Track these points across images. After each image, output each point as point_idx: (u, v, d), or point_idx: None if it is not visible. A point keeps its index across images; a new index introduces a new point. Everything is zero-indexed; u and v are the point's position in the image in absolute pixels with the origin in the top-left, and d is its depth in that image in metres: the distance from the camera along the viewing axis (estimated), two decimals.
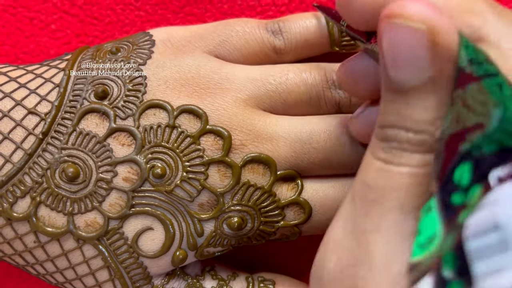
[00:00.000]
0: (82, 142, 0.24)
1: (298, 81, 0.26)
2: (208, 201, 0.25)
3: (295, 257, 0.31)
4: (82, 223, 0.24)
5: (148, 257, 0.25)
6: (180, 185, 0.24)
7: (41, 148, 0.24)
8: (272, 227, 0.26)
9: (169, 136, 0.25)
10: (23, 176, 0.24)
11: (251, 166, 0.25)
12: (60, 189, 0.24)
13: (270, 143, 0.25)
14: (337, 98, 0.27)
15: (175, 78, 0.25)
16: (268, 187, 0.25)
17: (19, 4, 0.32)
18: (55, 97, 0.25)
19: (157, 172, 0.24)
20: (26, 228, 0.24)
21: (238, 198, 0.25)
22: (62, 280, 0.26)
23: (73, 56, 0.26)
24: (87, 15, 0.31)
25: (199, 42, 0.27)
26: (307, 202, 0.26)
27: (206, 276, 0.27)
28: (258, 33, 0.27)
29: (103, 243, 0.25)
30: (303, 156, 0.26)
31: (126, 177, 0.24)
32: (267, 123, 0.26)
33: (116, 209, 0.24)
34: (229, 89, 0.26)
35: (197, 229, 0.25)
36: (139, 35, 0.28)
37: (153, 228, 0.25)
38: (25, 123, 0.24)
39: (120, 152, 0.24)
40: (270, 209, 0.25)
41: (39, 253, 0.25)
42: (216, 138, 0.25)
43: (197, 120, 0.25)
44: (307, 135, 0.26)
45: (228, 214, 0.25)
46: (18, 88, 0.25)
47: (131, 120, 0.25)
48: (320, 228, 0.26)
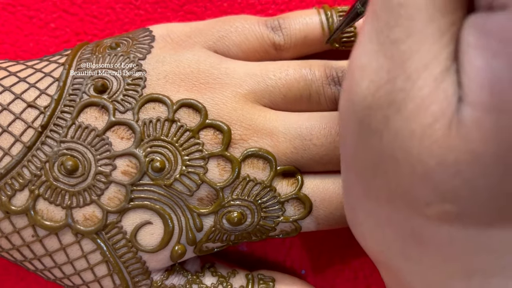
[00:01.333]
0: (81, 135, 0.24)
1: (298, 76, 0.26)
2: (207, 195, 0.25)
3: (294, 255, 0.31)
4: (81, 217, 0.24)
5: (147, 251, 0.25)
6: (179, 179, 0.24)
7: (40, 141, 0.24)
8: (272, 222, 0.26)
9: (169, 130, 0.24)
10: (22, 169, 0.24)
11: (251, 160, 0.25)
12: (59, 182, 0.24)
13: (270, 138, 0.25)
14: (337, 94, 0.27)
15: (174, 72, 0.25)
16: (268, 182, 0.25)
17: (18, 3, 0.32)
18: (55, 90, 0.25)
19: (156, 166, 0.24)
20: (24, 221, 0.24)
21: (238, 193, 0.25)
22: (61, 276, 0.26)
23: (73, 52, 0.27)
24: (87, 14, 0.32)
25: (198, 37, 0.27)
26: (307, 197, 0.25)
27: (206, 273, 0.27)
28: (258, 29, 0.27)
29: (102, 237, 0.24)
30: (303, 152, 0.25)
31: (125, 171, 0.24)
32: (267, 118, 0.26)
33: (114, 203, 0.24)
34: (228, 84, 0.26)
35: (196, 223, 0.25)
36: (139, 31, 0.28)
37: (152, 223, 0.25)
38: (24, 116, 0.24)
39: (119, 146, 0.24)
40: (270, 204, 0.25)
41: (37, 248, 0.25)
42: (215, 133, 0.25)
43: (197, 114, 0.25)
44: (307, 131, 0.25)
45: (227, 209, 0.25)
46: (18, 82, 0.25)
47: (130, 113, 0.24)
48: (320, 224, 0.26)
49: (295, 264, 0.31)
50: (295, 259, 0.31)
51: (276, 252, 0.31)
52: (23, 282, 0.31)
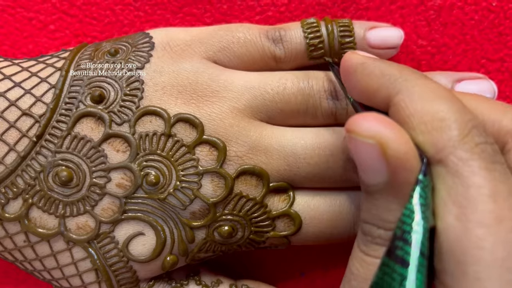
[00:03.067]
0: (76, 146, 0.24)
1: (295, 91, 0.26)
2: (200, 209, 0.25)
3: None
4: (74, 226, 0.24)
5: (139, 261, 0.25)
6: (173, 194, 0.25)
7: (35, 151, 0.24)
8: (262, 237, 0.26)
9: (164, 145, 0.25)
10: (16, 178, 0.24)
11: (244, 177, 0.25)
12: (53, 192, 0.24)
13: (264, 155, 0.25)
14: (334, 109, 0.27)
15: (172, 84, 0.25)
16: (259, 199, 0.25)
17: (18, 5, 0.31)
18: (51, 98, 0.24)
19: (151, 180, 0.24)
20: (17, 228, 0.24)
21: (230, 208, 0.25)
22: (49, 278, 0.26)
23: (71, 55, 0.26)
24: (86, 16, 0.31)
25: (199, 47, 0.27)
26: (297, 215, 0.26)
27: (190, 282, 0.28)
28: (260, 41, 0.27)
29: (93, 246, 0.25)
30: (296, 169, 0.26)
31: (120, 183, 0.24)
32: (262, 135, 0.26)
33: (108, 214, 0.25)
34: (226, 97, 0.26)
35: (188, 236, 0.25)
36: (139, 35, 0.28)
37: (145, 234, 0.25)
38: (19, 125, 0.24)
39: (114, 158, 0.24)
40: (261, 219, 0.26)
41: (28, 252, 0.25)
42: (211, 149, 0.25)
43: (193, 130, 0.25)
44: (301, 149, 0.26)
45: (219, 223, 0.25)
46: (13, 88, 0.25)
47: (127, 126, 0.24)
48: (309, 240, 0.27)
49: (294, 266, 0.32)
50: (294, 262, 0.32)
51: (275, 255, 0.32)
52: (23, 285, 0.32)
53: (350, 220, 0.26)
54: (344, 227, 0.26)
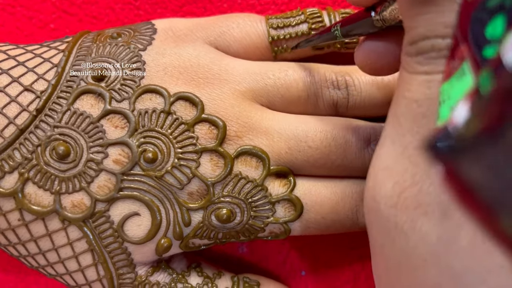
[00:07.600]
0: (75, 121, 0.24)
1: (297, 77, 0.26)
2: (198, 190, 0.25)
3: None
4: (69, 204, 0.24)
5: (133, 242, 0.25)
6: (170, 172, 0.24)
7: (34, 124, 0.24)
8: (261, 223, 0.25)
9: (164, 122, 0.24)
10: (13, 151, 0.24)
11: (244, 158, 0.25)
12: (49, 167, 0.24)
13: (265, 137, 0.25)
14: (335, 98, 0.27)
15: (174, 65, 0.26)
16: (260, 181, 0.25)
17: (18, 3, 0.32)
18: (53, 76, 0.25)
19: (149, 156, 0.24)
20: (11, 205, 0.24)
21: (229, 190, 0.25)
22: (44, 263, 0.25)
23: (74, 39, 0.27)
24: (86, 14, 0.32)
25: (200, 32, 0.27)
26: (298, 200, 0.25)
27: (191, 273, 0.27)
28: (260, 25, 0.27)
29: (89, 225, 0.24)
30: (297, 153, 0.25)
31: (117, 159, 0.24)
32: (263, 117, 0.26)
33: (104, 191, 0.24)
34: (227, 80, 0.26)
35: (185, 218, 0.25)
36: (142, 24, 0.28)
37: (140, 214, 0.25)
38: (20, 99, 0.24)
39: (112, 134, 0.24)
40: (261, 203, 0.25)
41: (22, 232, 0.24)
42: (210, 127, 0.25)
43: (193, 108, 0.25)
44: (303, 133, 0.25)
45: (217, 205, 0.25)
46: (16, 66, 0.25)
47: (127, 103, 0.24)
48: (310, 227, 0.26)
49: (295, 265, 0.31)
50: (295, 260, 0.31)
51: (276, 253, 0.31)
52: (22, 283, 0.31)
53: (352, 207, 0.26)
54: (346, 215, 0.26)
